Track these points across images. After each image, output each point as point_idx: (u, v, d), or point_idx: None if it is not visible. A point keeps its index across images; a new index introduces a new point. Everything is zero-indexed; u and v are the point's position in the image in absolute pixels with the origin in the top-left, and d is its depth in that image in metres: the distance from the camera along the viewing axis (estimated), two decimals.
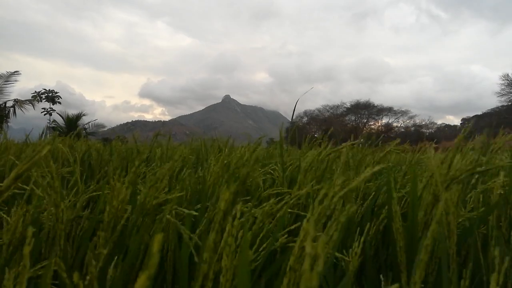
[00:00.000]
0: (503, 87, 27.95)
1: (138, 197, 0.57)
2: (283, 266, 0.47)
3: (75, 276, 0.20)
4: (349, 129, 32.80)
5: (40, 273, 0.51)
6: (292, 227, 0.55)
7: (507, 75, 27.72)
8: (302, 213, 0.68)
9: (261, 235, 0.50)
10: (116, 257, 0.48)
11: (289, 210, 0.65)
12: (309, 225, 0.31)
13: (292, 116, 1.34)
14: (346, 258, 0.51)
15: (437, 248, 0.52)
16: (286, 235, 0.51)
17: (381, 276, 0.52)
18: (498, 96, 28.22)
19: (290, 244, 0.50)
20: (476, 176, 0.82)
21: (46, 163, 0.49)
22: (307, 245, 0.16)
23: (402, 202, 0.79)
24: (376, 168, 0.34)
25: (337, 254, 0.51)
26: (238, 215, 0.32)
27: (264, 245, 0.48)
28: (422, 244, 0.22)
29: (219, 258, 0.35)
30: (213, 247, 0.33)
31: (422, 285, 0.54)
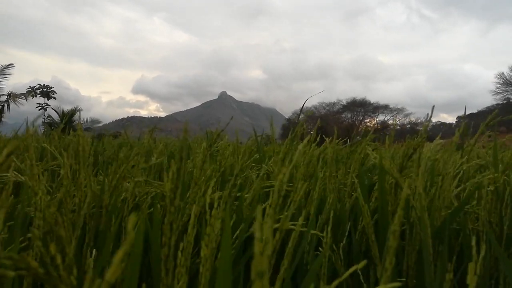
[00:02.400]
0: (498, 85, 28.13)
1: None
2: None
3: (52, 247, 0.19)
4: (345, 126, 32.88)
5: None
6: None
7: (502, 73, 27.91)
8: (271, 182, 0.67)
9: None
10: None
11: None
12: (258, 210, 0.31)
13: (299, 115, 1.34)
14: (321, 235, 0.51)
15: (415, 239, 0.52)
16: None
17: (358, 270, 0.52)
18: (493, 95, 28.41)
19: None
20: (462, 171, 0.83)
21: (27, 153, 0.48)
22: (256, 230, 0.16)
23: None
24: (302, 148, 0.33)
25: (314, 231, 0.51)
26: (215, 205, 0.32)
27: (238, 231, 0.48)
28: (390, 231, 0.22)
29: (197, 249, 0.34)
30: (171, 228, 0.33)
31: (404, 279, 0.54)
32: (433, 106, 0.66)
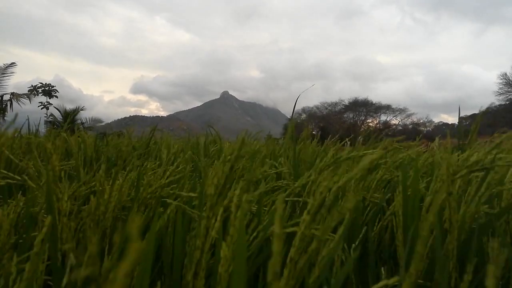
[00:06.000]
0: (501, 86, 27.99)
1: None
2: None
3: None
4: (347, 126, 32.82)
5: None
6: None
7: (505, 74, 27.78)
8: (300, 199, 0.68)
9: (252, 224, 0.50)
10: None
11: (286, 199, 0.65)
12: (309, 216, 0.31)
13: (292, 114, 1.34)
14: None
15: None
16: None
17: (382, 269, 0.52)
18: (496, 95, 28.28)
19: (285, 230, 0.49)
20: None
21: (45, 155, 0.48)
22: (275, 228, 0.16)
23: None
24: (375, 155, 0.33)
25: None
26: (235, 202, 0.32)
27: (255, 233, 0.48)
28: (419, 236, 0.22)
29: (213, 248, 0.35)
30: (205, 233, 0.33)
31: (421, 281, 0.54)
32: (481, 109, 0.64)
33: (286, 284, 0.30)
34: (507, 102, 28.00)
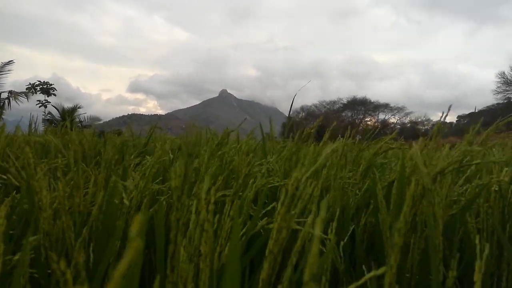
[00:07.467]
0: (499, 85, 28.11)
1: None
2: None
3: (62, 264, 0.20)
4: (345, 125, 32.90)
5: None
6: (269, 207, 0.56)
7: (503, 73, 27.89)
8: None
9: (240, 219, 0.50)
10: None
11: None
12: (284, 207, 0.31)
13: (289, 112, 1.35)
14: (327, 237, 0.51)
15: (421, 237, 0.53)
16: (266, 218, 0.52)
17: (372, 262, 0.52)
18: (494, 94, 28.41)
19: (270, 226, 0.50)
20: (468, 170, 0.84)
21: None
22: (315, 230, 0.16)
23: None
24: (336, 144, 0.33)
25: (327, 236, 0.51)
26: (212, 199, 0.32)
27: (244, 229, 0.48)
28: (395, 228, 0.23)
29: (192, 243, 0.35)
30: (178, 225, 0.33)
31: (408, 275, 0.55)
32: (450, 105, 0.66)
33: (267, 276, 0.31)
34: (505, 101, 28.12)
